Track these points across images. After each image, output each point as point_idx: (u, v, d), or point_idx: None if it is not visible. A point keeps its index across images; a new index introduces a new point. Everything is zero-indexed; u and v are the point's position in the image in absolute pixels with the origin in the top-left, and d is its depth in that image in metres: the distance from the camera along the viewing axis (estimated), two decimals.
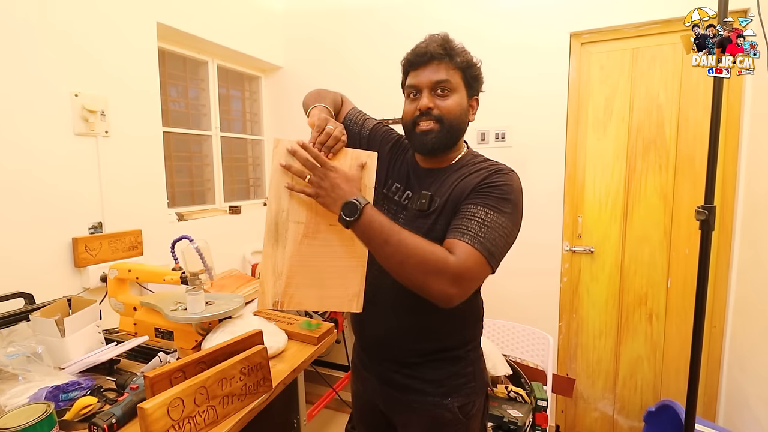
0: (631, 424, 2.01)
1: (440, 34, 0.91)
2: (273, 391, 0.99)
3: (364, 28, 2.29)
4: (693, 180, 1.81)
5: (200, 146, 2.20)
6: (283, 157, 0.82)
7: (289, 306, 0.86)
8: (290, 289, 0.85)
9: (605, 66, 1.91)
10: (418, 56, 0.90)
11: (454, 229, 0.80)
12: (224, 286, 1.59)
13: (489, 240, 0.77)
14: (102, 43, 1.50)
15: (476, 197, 0.83)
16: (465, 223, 0.79)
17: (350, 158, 0.87)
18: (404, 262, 0.75)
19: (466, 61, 0.90)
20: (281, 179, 0.83)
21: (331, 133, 0.85)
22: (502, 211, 0.81)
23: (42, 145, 1.34)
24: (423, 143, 0.91)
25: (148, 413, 0.74)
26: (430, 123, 0.89)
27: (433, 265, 0.74)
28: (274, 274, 0.84)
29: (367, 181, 0.88)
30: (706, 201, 1.10)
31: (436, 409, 0.93)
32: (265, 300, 0.85)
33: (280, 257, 0.84)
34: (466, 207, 0.82)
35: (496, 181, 0.84)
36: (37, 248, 1.34)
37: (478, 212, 0.80)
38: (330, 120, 0.89)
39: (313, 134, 0.86)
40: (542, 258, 2.01)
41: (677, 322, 1.89)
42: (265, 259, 0.84)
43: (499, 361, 1.77)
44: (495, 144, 2.06)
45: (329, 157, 0.84)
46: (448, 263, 0.74)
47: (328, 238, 0.86)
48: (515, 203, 0.83)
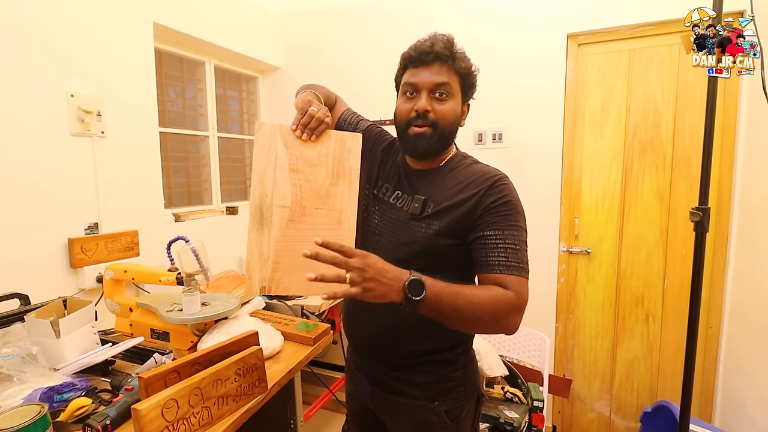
0: (628, 425, 2.02)
1: (445, 34, 0.90)
2: (268, 392, 0.99)
3: (362, 29, 2.29)
4: (689, 181, 1.82)
5: (197, 147, 2.20)
6: (267, 145, 0.81)
7: (276, 291, 0.85)
8: (277, 274, 0.84)
9: (602, 67, 1.91)
10: (423, 54, 0.88)
11: (494, 263, 0.82)
12: (220, 287, 1.59)
13: (524, 261, 0.82)
14: (98, 43, 1.50)
15: (495, 221, 0.84)
16: (502, 255, 0.81)
17: (334, 140, 0.87)
18: (479, 319, 0.76)
19: (467, 67, 0.90)
20: (265, 163, 0.82)
21: (314, 115, 0.84)
22: (519, 227, 0.85)
23: (38, 146, 1.34)
24: (415, 147, 0.91)
25: (142, 414, 0.73)
26: (425, 127, 0.89)
27: (503, 310, 0.77)
28: (260, 259, 0.83)
29: (353, 163, 0.88)
30: (701, 202, 1.10)
31: (422, 412, 0.93)
32: (252, 286, 0.84)
33: (265, 242, 0.83)
34: (492, 236, 0.83)
35: (502, 198, 0.85)
36: (32, 249, 1.33)
37: (507, 239, 0.82)
38: (314, 102, 0.88)
39: (296, 116, 0.86)
40: (539, 259, 2.00)
41: (673, 322, 1.90)
42: (251, 245, 0.83)
43: (496, 362, 1.77)
44: (492, 145, 2.06)
45: (312, 139, 0.84)
46: (512, 302, 0.77)
47: (314, 221, 0.86)
48: (522, 212, 0.87)
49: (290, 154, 0.86)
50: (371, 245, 0.96)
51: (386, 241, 0.94)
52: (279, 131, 0.86)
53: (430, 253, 0.88)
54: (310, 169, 0.87)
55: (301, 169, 0.86)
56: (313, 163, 0.87)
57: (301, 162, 0.87)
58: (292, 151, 0.86)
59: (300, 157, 0.87)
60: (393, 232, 0.93)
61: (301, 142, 0.87)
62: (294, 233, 0.85)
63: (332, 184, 0.88)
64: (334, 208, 0.89)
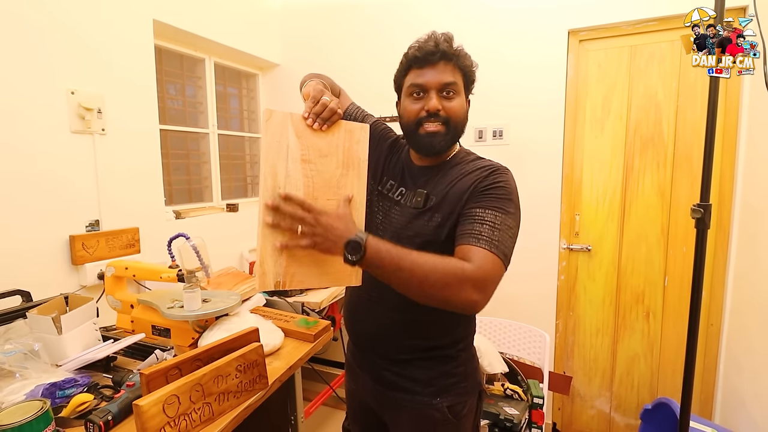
0: (628, 422, 2.02)
1: (445, 33, 0.90)
2: (269, 388, 1.00)
3: (362, 26, 2.28)
4: (691, 178, 1.81)
5: (197, 144, 2.20)
6: (278, 134, 0.79)
7: (291, 285, 0.83)
8: (291, 268, 0.82)
9: (603, 63, 1.91)
10: (428, 54, 0.88)
11: (467, 234, 0.79)
12: (221, 284, 1.59)
13: (501, 242, 0.78)
14: (98, 40, 1.50)
15: (481, 200, 0.83)
16: (477, 228, 0.79)
17: (343, 130, 0.86)
18: (423, 282, 0.73)
19: (469, 64, 0.91)
20: (276, 153, 0.80)
21: (327, 105, 0.83)
22: (507, 212, 0.82)
23: (38, 144, 1.34)
24: (431, 145, 0.90)
25: (144, 410, 0.74)
26: (438, 125, 0.89)
27: (452, 277, 0.73)
28: (274, 254, 0.80)
29: (362, 153, 0.87)
30: (702, 199, 1.10)
31: (425, 408, 0.93)
32: (266, 281, 0.81)
33: (279, 235, 0.80)
34: (473, 211, 0.82)
35: (496, 183, 0.85)
36: (34, 246, 1.34)
37: (487, 215, 0.80)
38: (326, 92, 0.87)
39: (307, 105, 0.84)
40: (539, 256, 2.01)
41: (674, 320, 1.90)
42: (264, 239, 0.80)
43: (496, 358, 1.77)
44: (492, 142, 2.06)
45: (323, 129, 0.84)
46: (467, 271, 0.73)
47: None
48: (516, 203, 0.85)
49: (302, 144, 0.83)
50: None
51: (389, 238, 0.93)
52: (290, 120, 0.83)
53: (433, 245, 0.87)
54: (321, 159, 0.85)
55: (313, 160, 0.84)
56: (324, 153, 0.85)
57: (313, 152, 0.84)
58: (304, 141, 0.84)
59: (311, 147, 0.84)
60: (396, 228, 0.94)
61: (312, 132, 0.85)
62: None
63: (343, 174, 0.87)
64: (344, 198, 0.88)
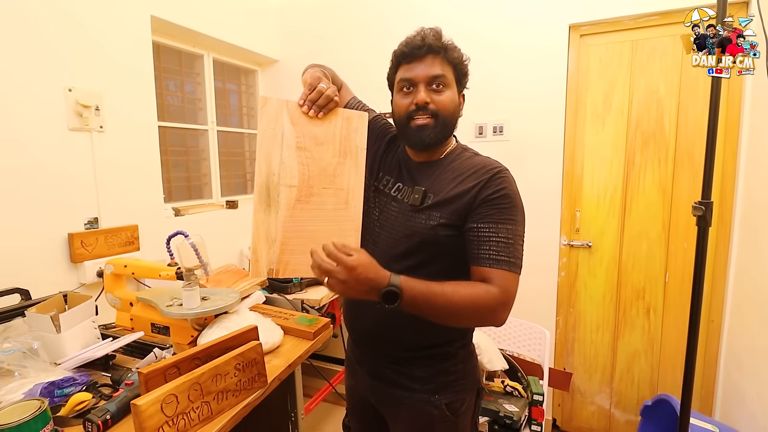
0: (628, 418, 2.02)
1: (433, 27, 0.90)
2: (268, 386, 0.99)
3: (361, 21, 2.26)
4: (692, 174, 1.80)
5: (197, 141, 2.19)
6: (273, 121, 0.78)
7: (284, 273, 0.83)
8: (285, 256, 0.82)
9: (604, 58, 1.89)
10: (415, 48, 0.88)
11: (484, 257, 0.81)
12: (220, 282, 1.59)
13: (516, 256, 0.82)
14: (95, 37, 1.49)
15: (490, 214, 0.83)
16: (493, 248, 0.81)
17: (341, 118, 0.85)
18: (457, 315, 0.78)
19: (459, 57, 0.91)
20: (271, 140, 0.79)
21: (323, 92, 0.82)
22: (515, 221, 0.84)
23: (36, 141, 1.33)
24: (420, 138, 0.90)
25: (142, 409, 0.74)
26: (426, 118, 0.89)
27: (484, 308, 0.78)
28: (267, 241, 0.81)
29: (359, 142, 0.86)
30: (704, 196, 1.09)
31: (423, 405, 0.93)
32: (259, 268, 0.82)
33: (273, 223, 0.81)
34: (485, 230, 0.83)
35: (499, 191, 0.85)
36: (32, 244, 1.33)
37: (500, 232, 0.82)
38: (323, 79, 0.87)
39: (304, 91, 0.83)
40: (540, 252, 2.01)
41: (675, 316, 1.89)
42: (257, 226, 0.80)
43: (496, 355, 1.77)
44: (492, 138, 2.05)
45: (320, 117, 0.82)
46: (496, 298, 0.77)
47: (322, 201, 0.84)
48: (520, 206, 0.86)
49: (297, 131, 0.83)
50: (371, 238, 0.96)
51: (386, 235, 0.94)
52: (285, 107, 0.83)
53: (429, 244, 0.88)
54: (317, 147, 0.84)
55: (308, 147, 0.84)
56: (320, 141, 0.85)
57: (308, 140, 0.84)
58: (299, 128, 0.83)
59: (307, 135, 0.84)
60: (393, 226, 0.93)
61: (308, 119, 0.84)
62: (301, 213, 0.83)
63: (339, 163, 0.86)
64: (341, 187, 0.87)
